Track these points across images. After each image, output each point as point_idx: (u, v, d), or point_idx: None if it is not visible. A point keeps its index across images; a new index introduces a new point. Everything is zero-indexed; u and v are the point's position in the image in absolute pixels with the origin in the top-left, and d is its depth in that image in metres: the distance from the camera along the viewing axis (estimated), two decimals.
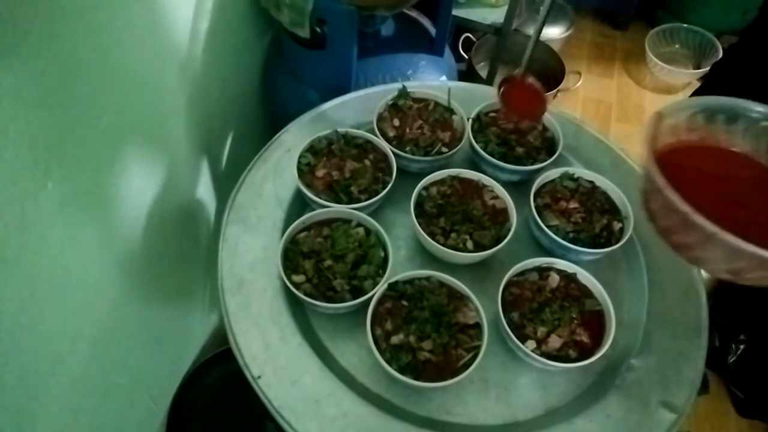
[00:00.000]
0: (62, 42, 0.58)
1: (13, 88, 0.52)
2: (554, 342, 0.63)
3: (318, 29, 0.96)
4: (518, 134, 0.84)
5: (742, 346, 1.29)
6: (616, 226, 0.75)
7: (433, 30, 1.17)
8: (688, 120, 0.59)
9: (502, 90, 0.76)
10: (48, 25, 0.55)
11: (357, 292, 0.66)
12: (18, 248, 0.57)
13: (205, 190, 1.04)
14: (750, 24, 1.05)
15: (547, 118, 0.85)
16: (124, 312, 0.84)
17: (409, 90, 0.86)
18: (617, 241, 0.73)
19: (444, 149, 0.81)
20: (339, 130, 0.80)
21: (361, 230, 0.71)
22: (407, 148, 0.80)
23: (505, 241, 0.71)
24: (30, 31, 0.53)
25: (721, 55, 1.94)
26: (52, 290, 0.65)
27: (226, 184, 1.09)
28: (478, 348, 0.62)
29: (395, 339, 0.62)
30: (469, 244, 0.71)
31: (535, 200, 0.76)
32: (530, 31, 1.88)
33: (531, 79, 0.76)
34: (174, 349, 1.08)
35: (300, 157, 0.76)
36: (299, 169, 0.76)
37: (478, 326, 0.64)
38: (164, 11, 0.77)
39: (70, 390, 0.72)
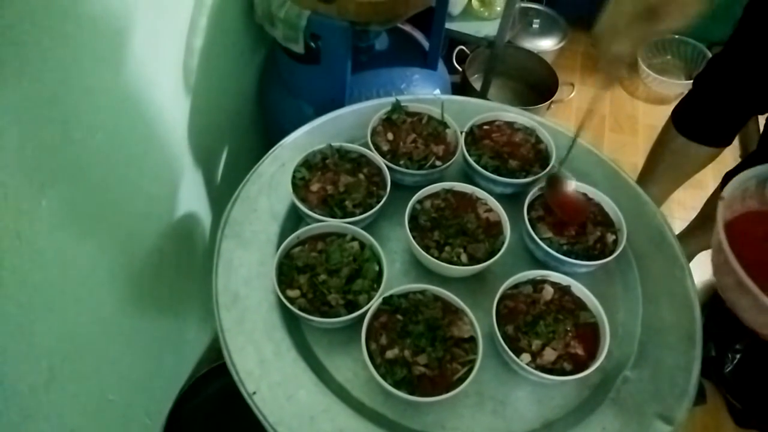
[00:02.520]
0: (56, 59, 0.58)
1: (7, 107, 0.53)
2: (549, 355, 0.63)
3: (312, 44, 0.97)
4: (511, 147, 0.84)
5: (738, 356, 1.29)
6: (610, 238, 0.75)
7: (426, 44, 1.18)
8: (742, 191, 0.61)
9: (548, 188, 0.77)
10: (41, 44, 0.55)
11: (352, 306, 0.66)
12: (11, 264, 0.57)
13: (199, 205, 1.04)
14: (730, 36, 1.05)
15: (540, 130, 0.86)
16: (119, 327, 0.83)
17: (402, 104, 0.87)
18: (611, 253, 0.73)
19: (438, 163, 0.81)
20: (333, 144, 0.81)
21: (355, 244, 0.71)
22: (401, 162, 0.81)
23: (499, 254, 0.71)
24: (24, 52, 0.53)
25: None
26: (46, 306, 0.64)
27: (220, 198, 1.09)
28: (473, 362, 0.62)
29: (390, 353, 0.62)
30: (464, 258, 0.71)
31: (528, 213, 0.76)
32: (524, 43, 1.89)
33: (573, 187, 0.78)
34: (169, 364, 1.07)
35: (294, 172, 0.77)
36: (294, 184, 0.76)
37: (472, 340, 0.64)
38: (159, 29, 0.77)
39: (63, 408, 0.71)
